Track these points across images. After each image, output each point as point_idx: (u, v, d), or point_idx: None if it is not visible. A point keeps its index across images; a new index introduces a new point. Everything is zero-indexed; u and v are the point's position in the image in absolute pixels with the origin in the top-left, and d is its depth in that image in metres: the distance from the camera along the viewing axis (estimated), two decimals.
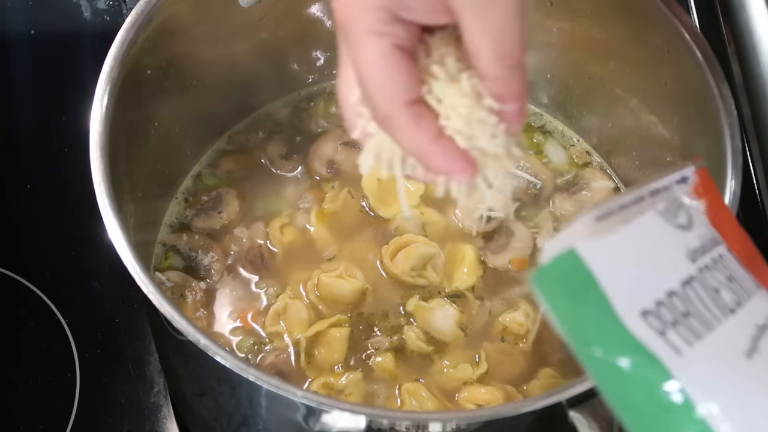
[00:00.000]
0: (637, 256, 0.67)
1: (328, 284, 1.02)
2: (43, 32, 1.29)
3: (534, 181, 1.11)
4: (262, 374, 0.79)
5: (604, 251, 0.65)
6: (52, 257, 1.14)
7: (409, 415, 0.87)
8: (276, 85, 1.14)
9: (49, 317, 1.10)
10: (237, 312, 1.02)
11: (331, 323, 0.99)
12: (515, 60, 0.66)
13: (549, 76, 1.13)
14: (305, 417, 0.83)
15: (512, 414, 0.80)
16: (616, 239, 0.66)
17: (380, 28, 0.67)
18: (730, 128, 0.91)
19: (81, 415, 1.06)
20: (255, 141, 1.13)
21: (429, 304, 1.01)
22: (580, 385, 0.80)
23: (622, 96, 1.08)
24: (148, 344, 1.10)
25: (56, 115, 1.22)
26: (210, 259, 1.04)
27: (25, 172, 1.21)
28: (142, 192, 1.00)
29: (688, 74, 0.96)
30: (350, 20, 0.68)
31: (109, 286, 1.12)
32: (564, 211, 1.09)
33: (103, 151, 0.88)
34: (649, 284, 0.65)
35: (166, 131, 1.04)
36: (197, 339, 0.80)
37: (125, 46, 0.93)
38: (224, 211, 1.07)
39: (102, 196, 0.86)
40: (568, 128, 1.16)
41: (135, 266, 0.83)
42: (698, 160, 0.75)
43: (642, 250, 0.67)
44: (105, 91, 0.91)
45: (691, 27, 0.96)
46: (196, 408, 1.00)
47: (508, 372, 1.00)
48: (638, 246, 0.67)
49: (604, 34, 1.05)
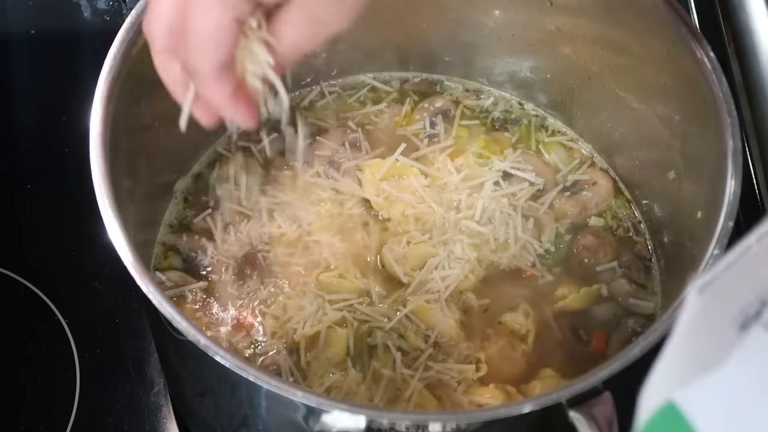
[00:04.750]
0: (751, 399, 0.53)
1: (327, 284, 1.02)
2: (43, 32, 1.29)
3: (534, 181, 1.11)
4: (262, 374, 0.79)
5: (707, 399, 0.53)
6: (52, 257, 1.14)
7: (409, 415, 0.87)
8: None
9: (49, 317, 1.10)
10: (237, 312, 1.02)
11: (331, 323, 0.99)
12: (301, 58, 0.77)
13: (549, 76, 1.13)
14: (305, 417, 0.83)
15: (512, 414, 0.80)
16: (721, 379, 0.53)
17: (231, 1, 0.72)
18: (730, 128, 0.91)
19: (81, 415, 1.06)
20: (255, 141, 1.13)
21: (429, 304, 1.01)
22: (580, 385, 0.80)
23: (622, 96, 1.08)
24: (148, 344, 1.10)
25: (56, 115, 1.22)
26: (210, 259, 1.04)
27: (25, 172, 1.21)
28: (142, 192, 1.00)
29: (688, 74, 0.96)
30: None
31: (109, 286, 1.12)
32: (564, 210, 1.09)
33: (103, 151, 0.88)
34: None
35: (166, 131, 1.04)
36: (197, 339, 0.80)
37: (125, 46, 0.93)
38: (224, 211, 1.07)
39: (102, 196, 0.86)
40: (568, 128, 1.16)
41: (135, 266, 0.83)
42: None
43: (754, 390, 0.53)
44: (105, 91, 0.91)
45: (691, 27, 0.96)
46: (196, 408, 1.00)
47: (508, 372, 1.00)
48: (749, 385, 0.53)
49: (604, 34, 1.05)
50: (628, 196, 1.12)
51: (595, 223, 1.10)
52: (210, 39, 0.73)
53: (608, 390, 0.81)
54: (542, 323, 1.03)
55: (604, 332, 1.02)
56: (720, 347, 0.54)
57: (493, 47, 1.14)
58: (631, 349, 0.81)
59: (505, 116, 1.17)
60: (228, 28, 0.73)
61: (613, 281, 1.05)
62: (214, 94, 0.76)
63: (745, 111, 1.16)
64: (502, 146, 1.13)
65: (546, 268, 1.06)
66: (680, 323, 0.55)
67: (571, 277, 1.06)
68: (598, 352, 1.01)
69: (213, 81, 0.75)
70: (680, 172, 1.02)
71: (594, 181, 1.11)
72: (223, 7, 0.72)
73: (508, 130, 1.16)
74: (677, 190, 1.03)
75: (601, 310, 1.03)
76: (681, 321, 0.55)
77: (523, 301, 1.03)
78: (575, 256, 1.07)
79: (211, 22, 0.72)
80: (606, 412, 0.80)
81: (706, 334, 0.55)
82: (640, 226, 1.10)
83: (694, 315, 0.54)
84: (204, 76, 0.75)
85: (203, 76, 0.75)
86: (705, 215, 0.95)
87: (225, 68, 0.75)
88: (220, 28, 0.72)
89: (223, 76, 0.75)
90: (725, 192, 0.89)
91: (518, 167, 1.11)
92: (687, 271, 0.89)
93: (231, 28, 0.73)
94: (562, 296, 1.04)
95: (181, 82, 0.79)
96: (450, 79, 1.19)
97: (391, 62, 1.18)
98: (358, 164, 1.09)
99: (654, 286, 1.06)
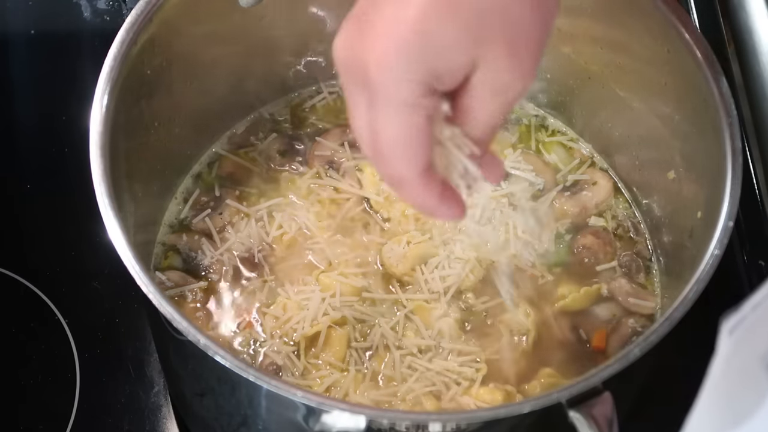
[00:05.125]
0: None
1: (327, 284, 1.02)
2: (43, 32, 1.29)
3: (534, 181, 1.11)
4: (262, 374, 0.79)
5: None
6: (52, 257, 1.14)
7: (409, 415, 0.87)
8: (276, 85, 1.14)
9: (49, 317, 1.10)
10: (237, 312, 1.02)
11: (331, 323, 0.99)
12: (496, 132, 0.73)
13: (549, 76, 1.13)
14: (305, 417, 0.83)
15: (512, 414, 0.80)
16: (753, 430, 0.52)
17: (418, 101, 0.67)
18: (730, 128, 0.91)
19: (81, 415, 1.06)
20: (255, 141, 1.13)
21: (429, 304, 1.01)
22: (580, 385, 0.80)
23: (622, 96, 1.08)
24: (148, 344, 1.10)
25: (56, 115, 1.22)
26: (210, 259, 1.04)
27: (25, 172, 1.20)
28: (142, 192, 1.00)
29: (688, 74, 0.96)
30: (386, 85, 0.67)
31: (109, 286, 1.12)
32: (564, 210, 1.09)
33: (103, 151, 0.88)
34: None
35: (166, 131, 1.04)
36: (197, 339, 0.80)
37: (125, 46, 0.93)
38: (224, 211, 1.07)
39: (102, 196, 0.86)
40: (568, 128, 1.16)
41: (135, 266, 0.83)
42: None
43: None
44: (105, 91, 0.91)
45: (691, 27, 0.96)
46: (196, 408, 1.00)
47: (508, 372, 1.00)
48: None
49: (604, 33, 1.05)
50: (628, 196, 1.11)
51: (595, 223, 1.10)
52: (405, 145, 0.69)
53: (608, 390, 0.81)
54: (542, 323, 1.02)
55: (604, 332, 1.02)
56: (750, 393, 0.54)
57: None
58: (631, 349, 0.81)
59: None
60: (419, 127, 0.68)
61: (613, 281, 1.05)
62: (425, 199, 0.72)
63: (745, 111, 1.16)
64: (502, 146, 1.13)
65: (546, 267, 1.06)
66: (713, 369, 0.54)
67: (571, 277, 1.06)
68: (598, 352, 1.01)
69: (420, 187, 0.71)
70: (680, 172, 1.02)
71: (594, 181, 1.11)
72: (411, 109, 0.68)
73: (508, 129, 1.16)
74: (677, 190, 1.03)
75: (601, 310, 1.03)
76: (714, 365, 0.54)
77: (523, 301, 1.03)
78: (575, 256, 1.07)
79: (402, 126, 0.68)
80: (606, 412, 0.80)
81: (736, 379, 0.54)
82: (640, 226, 1.10)
83: (726, 357, 0.53)
84: (409, 183, 0.71)
85: (409, 183, 0.71)
86: (705, 215, 0.95)
87: (428, 171, 0.71)
88: (411, 129, 0.68)
89: (429, 179, 0.71)
90: (725, 192, 0.89)
91: (518, 167, 1.11)
92: (687, 271, 0.89)
93: (424, 127, 0.68)
94: (562, 296, 1.04)
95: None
96: None
97: None
98: (358, 164, 1.09)
99: (654, 286, 1.06)
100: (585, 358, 1.01)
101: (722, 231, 0.87)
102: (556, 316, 1.03)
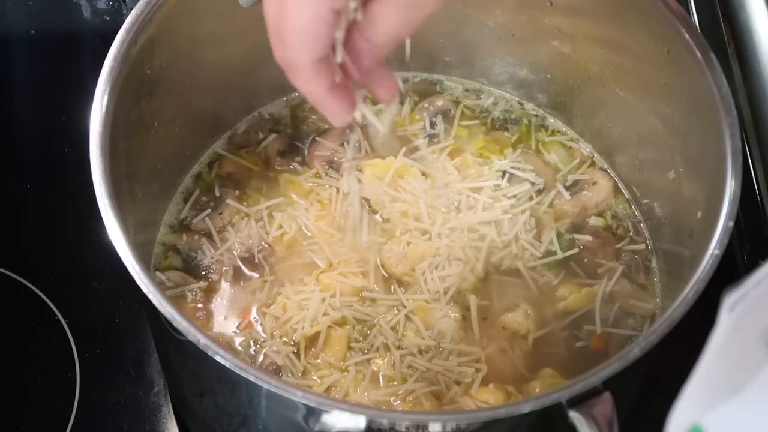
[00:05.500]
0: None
1: (327, 284, 1.02)
2: (43, 32, 1.29)
3: (534, 181, 1.11)
4: (262, 374, 0.79)
5: (734, 422, 0.53)
6: (52, 257, 1.14)
7: (409, 415, 0.87)
8: (276, 85, 1.14)
9: (49, 317, 1.10)
10: (237, 312, 1.02)
11: (331, 323, 0.99)
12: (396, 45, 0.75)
13: (549, 76, 1.13)
14: (305, 417, 0.83)
15: (512, 414, 0.80)
16: (749, 401, 0.53)
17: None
18: (730, 128, 0.91)
19: (81, 415, 1.06)
20: (255, 141, 1.13)
21: (429, 304, 1.01)
22: (580, 385, 0.80)
23: (622, 96, 1.08)
24: (148, 344, 1.10)
25: (56, 115, 1.22)
26: (210, 259, 1.04)
27: (25, 172, 1.21)
28: (142, 192, 1.00)
29: (688, 74, 0.96)
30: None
31: (109, 286, 1.12)
32: (564, 210, 1.09)
33: (103, 151, 0.88)
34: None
35: (166, 131, 1.04)
36: (197, 339, 0.80)
37: (125, 46, 0.93)
38: (224, 211, 1.07)
39: (102, 196, 0.86)
40: (568, 128, 1.16)
41: (135, 266, 0.83)
42: None
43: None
44: (105, 91, 0.91)
45: (691, 27, 0.96)
46: (196, 408, 1.00)
47: (508, 372, 1.00)
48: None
49: (604, 33, 1.05)
50: (628, 196, 1.11)
51: (595, 223, 1.10)
52: (306, 33, 0.71)
53: (608, 390, 0.81)
54: (542, 323, 1.03)
55: (604, 332, 1.02)
56: (748, 367, 0.54)
57: (493, 47, 1.14)
58: (631, 349, 0.81)
59: (505, 116, 1.17)
60: (323, 20, 0.71)
61: (613, 281, 1.05)
62: (313, 88, 0.75)
63: (745, 111, 1.16)
64: (502, 146, 1.13)
65: (546, 267, 1.06)
66: (711, 342, 0.55)
67: (571, 277, 1.06)
68: (598, 352, 1.01)
69: (312, 75, 0.74)
70: (680, 172, 1.02)
71: (594, 181, 1.11)
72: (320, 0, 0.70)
73: (508, 129, 1.16)
74: (677, 190, 1.03)
75: (601, 310, 1.03)
76: (712, 340, 0.55)
77: (523, 301, 1.03)
78: (575, 256, 1.07)
79: (305, 15, 0.71)
80: (606, 412, 0.80)
81: (735, 353, 0.55)
82: (640, 226, 1.10)
83: (726, 334, 0.54)
84: (301, 70, 0.74)
85: (300, 70, 0.74)
86: (705, 215, 0.95)
87: (322, 62, 0.73)
88: (315, 20, 0.71)
89: (321, 71, 0.73)
90: (725, 192, 0.89)
91: (518, 167, 1.11)
92: (687, 271, 0.89)
93: (327, 20, 0.71)
94: (563, 296, 1.04)
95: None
96: (450, 79, 1.19)
97: (391, 62, 1.17)
98: (358, 164, 1.09)
99: (654, 286, 1.06)
100: (585, 358, 1.01)
101: (722, 231, 0.87)
102: (556, 316, 1.03)
